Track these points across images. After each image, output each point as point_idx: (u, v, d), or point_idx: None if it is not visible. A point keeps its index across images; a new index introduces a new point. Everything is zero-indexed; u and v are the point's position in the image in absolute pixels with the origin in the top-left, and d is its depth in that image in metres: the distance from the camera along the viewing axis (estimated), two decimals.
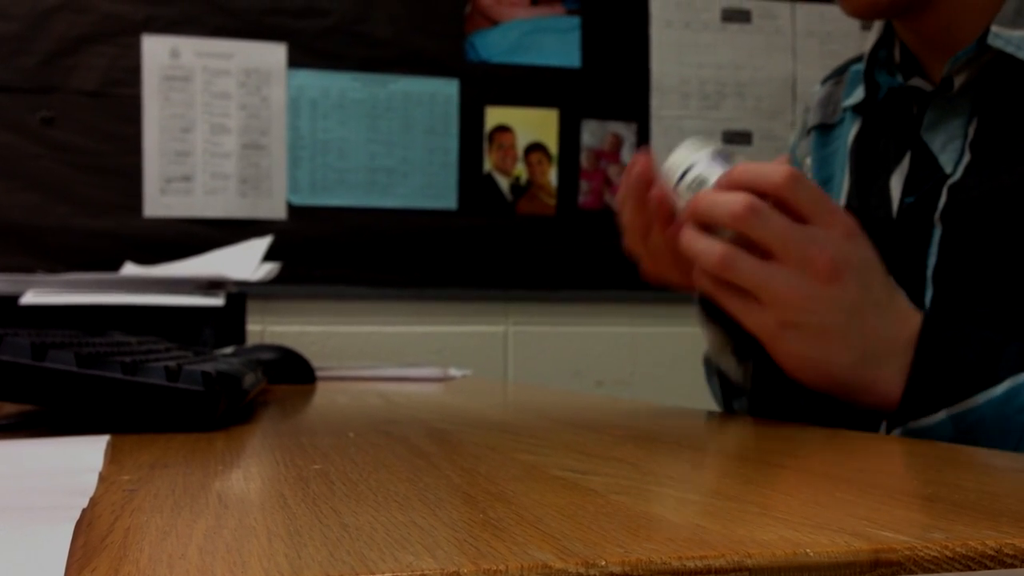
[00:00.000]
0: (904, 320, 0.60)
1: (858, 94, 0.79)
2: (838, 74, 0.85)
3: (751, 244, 0.57)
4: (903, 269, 0.68)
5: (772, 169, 0.58)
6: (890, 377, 0.59)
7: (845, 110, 0.81)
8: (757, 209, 0.56)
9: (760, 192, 0.57)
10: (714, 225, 0.58)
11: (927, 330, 0.59)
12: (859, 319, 0.59)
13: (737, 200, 0.57)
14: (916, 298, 0.67)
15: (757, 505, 0.29)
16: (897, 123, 0.75)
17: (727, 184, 0.59)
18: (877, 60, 0.76)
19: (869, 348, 0.59)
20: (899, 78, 0.75)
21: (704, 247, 0.58)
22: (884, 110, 0.76)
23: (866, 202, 0.75)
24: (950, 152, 0.69)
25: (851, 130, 0.79)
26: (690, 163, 0.61)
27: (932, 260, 0.68)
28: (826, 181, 0.81)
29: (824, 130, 0.83)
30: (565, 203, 1.99)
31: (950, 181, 0.68)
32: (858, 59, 0.84)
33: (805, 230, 0.57)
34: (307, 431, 0.51)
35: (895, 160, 0.73)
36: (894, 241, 0.70)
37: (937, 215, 0.67)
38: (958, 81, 0.69)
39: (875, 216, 0.73)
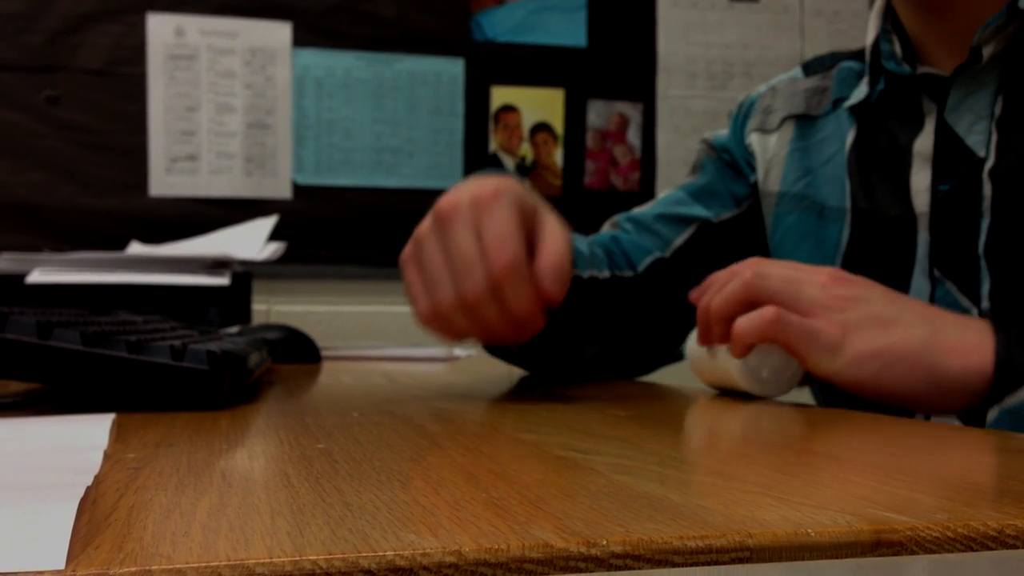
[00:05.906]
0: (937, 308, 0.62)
1: (859, 92, 0.76)
2: (823, 67, 0.83)
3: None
4: (948, 259, 0.68)
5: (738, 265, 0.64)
6: (977, 340, 0.57)
7: (836, 103, 0.79)
8: (758, 272, 0.61)
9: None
10: (730, 313, 0.63)
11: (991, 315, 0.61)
12: (900, 304, 0.60)
13: (740, 273, 0.62)
14: (970, 288, 0.67)
15: (759, 485, 0.29)
16: (907, 116, 0.73)
17: (710, 282, 0.65)
18: (880, 53, 0.75)
19: (935, 321, 0.59)
20: (906, 68, 0.73)
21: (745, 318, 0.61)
22: (886, 108, 0.75)
23: (875, 203, 0.74)
24: (978, 133, 0.68)
25: (848, 134, 0.77)
26: None
27: (983, 248, 0.66)
28: (808, 170, 0.80)
29: (807, 120, 0.82)
30: (571, 183, 1.98)
31: (988, 166, 0.66)
32: (845, 56, 0.82)
33: (799, 273, 0.61)
34: (311, 411, 0.51)
35: (910, 154, 0.72)
36: (935, 230, 0.69)
37: (987, 205, 0.66)
38: (987, 52, 0.67)
39: (887, 215, 0.72)
